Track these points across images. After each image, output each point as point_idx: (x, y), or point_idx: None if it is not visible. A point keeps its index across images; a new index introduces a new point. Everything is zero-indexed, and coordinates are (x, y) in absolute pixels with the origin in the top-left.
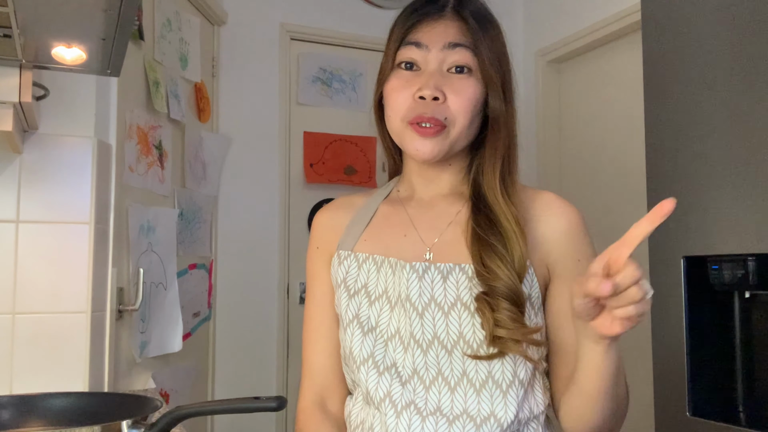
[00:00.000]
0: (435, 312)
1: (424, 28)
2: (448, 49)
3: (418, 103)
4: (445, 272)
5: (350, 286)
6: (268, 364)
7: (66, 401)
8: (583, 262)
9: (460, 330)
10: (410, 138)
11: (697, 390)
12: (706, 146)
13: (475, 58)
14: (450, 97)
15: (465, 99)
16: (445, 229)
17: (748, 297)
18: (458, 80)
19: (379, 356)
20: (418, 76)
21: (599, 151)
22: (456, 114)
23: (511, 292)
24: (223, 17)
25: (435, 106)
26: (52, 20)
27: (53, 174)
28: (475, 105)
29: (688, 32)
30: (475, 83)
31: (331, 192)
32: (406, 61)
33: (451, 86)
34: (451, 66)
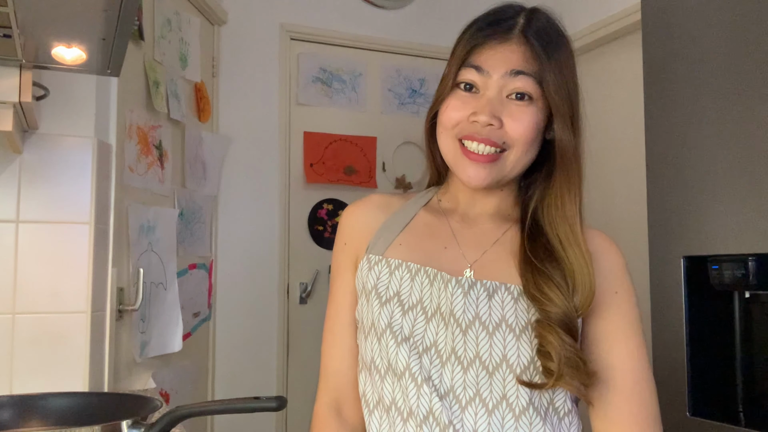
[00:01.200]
0: (479, 330)
1: (487, 51)
2: (510, 76)
3: (471, 125)
4: (491, 290)
5: (382, 293)
6: (268, 364)
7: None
8: (620, 295)
9: (504, 352)
10: (463, 164)
11: (697, 390)
12: (706, 146)
13: (538, 86)
14: (507, 122)
15: (523, 126)
16: (489, 248)
17: (748, 297)
18: (517, 107)
19: (415, 367)
20: (476, 99)
21: (599, 150)
22: (514, 139)
23: (567, 320)
24: (223, 17)
25: (489, 131)
26: (52, 20)
27: (53, 174)
28: (534, 132)
29: (688, 32)
30: (535, 111)
31: (331, 192)
32: (466, 82)
33: (509, 113)
34: (512, 93)
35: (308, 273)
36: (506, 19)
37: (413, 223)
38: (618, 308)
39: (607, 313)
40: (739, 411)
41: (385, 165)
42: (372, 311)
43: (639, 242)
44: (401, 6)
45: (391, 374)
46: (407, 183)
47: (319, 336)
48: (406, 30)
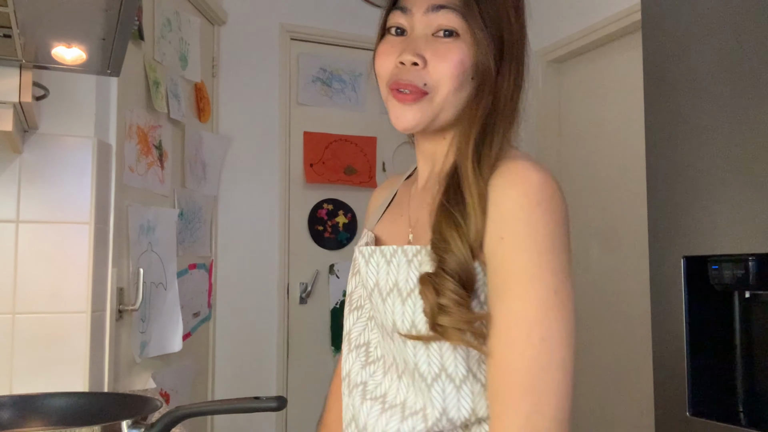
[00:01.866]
0: (376, 297)
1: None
2: (431, 12)
3: (399, 68)
4: (389, 255)
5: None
6: (268, 364)
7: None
8: (506, 240)
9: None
10: (392, 106)
11: (697, 390)
12: (706, 146)
13: (463, 21)
14: (432, 61)
15: (448, 63)
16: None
17: (748, 297)
18: (443, 44)
19: (354, 334)
20: (404, 42)
21: (599, 151)
22: (438, 79)
23: (461, 270)
24: (223, 17)
25: (414, 72)
26: (52, 20)
27: (53, 174)
28: (460, 69)
29: (688, 32)
30: (462, 46)
31: (331, 192)
32: (394, 26)
33: (435, 51)
34: (438, 30)
35: (308, 273)
36: None
37: (395, 198)
38: (501, 257)
39: (492, 263)
40: (739, 411)
41: (385, 165)
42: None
43: (639, 242)
44: None
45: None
46: None
47: (319, 336)
48: None
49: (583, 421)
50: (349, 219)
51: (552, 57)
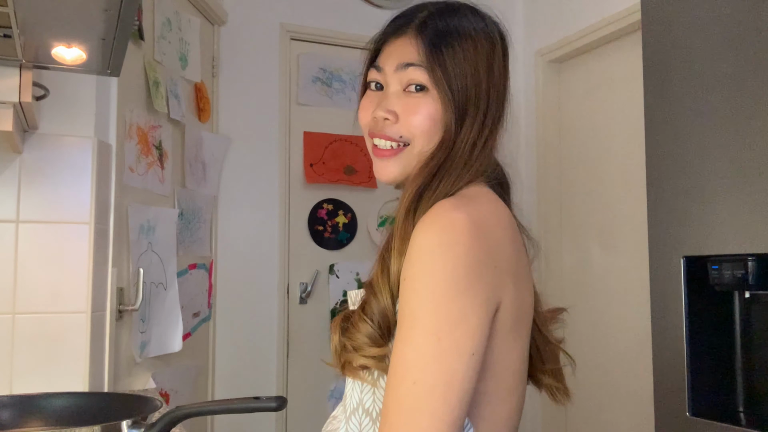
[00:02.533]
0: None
1: (387, 48)
2: (400, 69)
3: (374, 122)
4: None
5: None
6: (268, 364)
7: (66, 401)
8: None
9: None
10: (374, 160)
11: (697, 390)
12: (706, 146)
13: (429, 76)
14: (402, 116)
15: (417, 116)
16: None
17: (748, 297)
18: (413, 99)
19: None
20: (380, 96)
21: (599, 151)
22: (410, 132)
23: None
24: (223, 17)
25: (388, 126)
26: (52, 20)
27: (53, 174)
28: (430, 122)
29: (688, 32)
30: (429, 100)
31: (331, 192)
32: (372, 81)
33: (404, 105)
34: (408, 85)
35: (308, 273)
36: (407, 15)
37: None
38: (401, 298)
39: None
40: (739, 411)
41: None
42: None
43: (639, 242)
44: (401, 6)
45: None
46: None
47: (319, 336)
48: None
49: (583, 421)
50: (349, 219)
51: (552, 57)
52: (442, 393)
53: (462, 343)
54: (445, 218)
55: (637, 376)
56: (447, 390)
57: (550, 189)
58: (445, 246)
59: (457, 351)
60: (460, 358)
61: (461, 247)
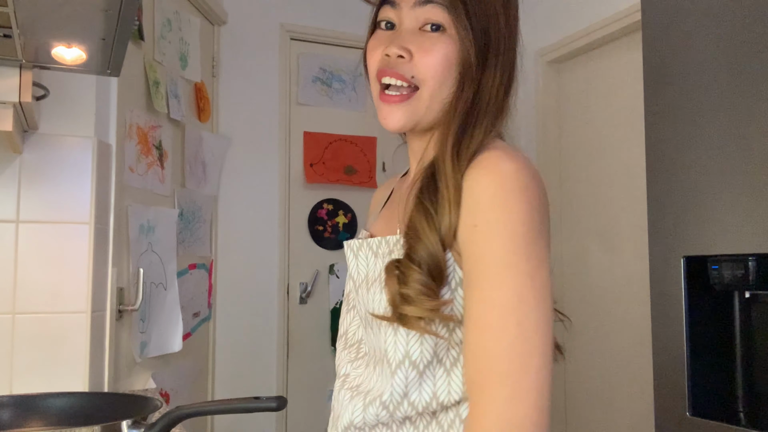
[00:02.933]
0: (362, 288)
1: None
2: (418, 6)
3: (385, 60)
4: (375, 247)
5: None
6: (268, 364)
7: (66, 401)
8: (480, 227)
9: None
10: (379, 106)
11: (697, 390)
12: (707, 146)
13: (449, 15)
14: (417, 55)
15: (433, 57)
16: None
17: (748, 297)
18: (429, 38)
19: (351, 332)
20: (392, 35)
21: (599, 151)
22: (424, 73)
23: (430, 258)
24: (223, 17)
25: (401, 64)
26: (52, 20)
27: (53, 174)
28: (446, 64)
29: (688, 32)
30: (447, 41)
31: (331, 192)
32: (384, 20)
33: (420, 44)
34: (425, 23)
35: (308, 273)
36: None
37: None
38: (475, 245)
39: (466, 251)
40: (739, 411)
41: (385, 165)
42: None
43: (639, 242)
44: None
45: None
46: None
47: (319, 336)
48: None
49: (584, 421)
50: (349, 219)
51: (552, 57)
52: (545, 331)
53: (547, 282)
54: (507, 166)
55: (637, 376)
56: (547, 327)
57: (550, 189)
58: (516, 191)
59: (545, 291)
60: (548, 297)
61: (531, 192)
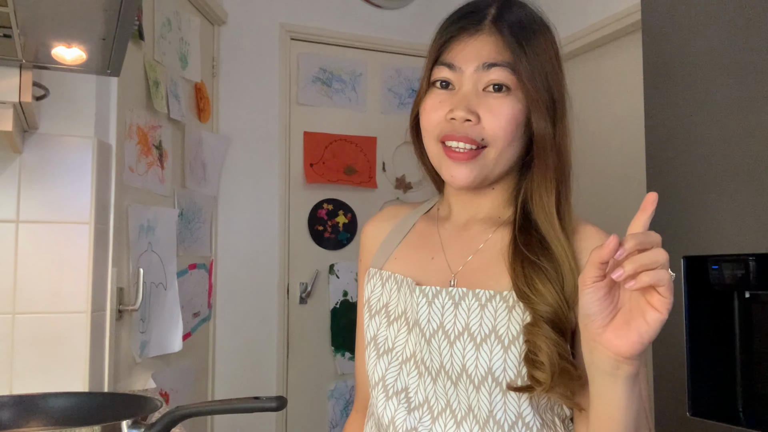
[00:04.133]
0: (441, 340)
1: (458, 46)
2: (482, 70)
3: (450, 123)
4: (457, 298)
5: (372, 305)
6: (268, 364)
7: (66, 401)
8: None
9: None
10: (446, 164)
11: (697, 390)
12: (706, 146)
13: (513, 76)
14: (485, 117)
15: (501, 118)
16: (474, 254)
17: (748, 297)
18: (494, 100)
19: (390, 380)
20: (452, 96)
21: (599, 151)
22: (493, 135)
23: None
24: (223, 17)
25: (468, 128)
26: (52, 20)
27: (53, 174)
28: (514, 125)
29: (688, 32)
30: (513, 102)
31: (331, 192)
32: (440, 80)
33: (486, 106)
34: (488, 85)
35: (308, 273)
36: (477, 11)
37: (410, 234)
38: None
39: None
40: (739, 411)
41: (385, 165)
42: (364, 324)
43: None
44: (401, 6)
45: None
46: (407, 183)
47: (319, 336)
48: (406, 30)
49: None
50: (349, 219)
51: None
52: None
53: None
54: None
55: None
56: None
57: None
58: None
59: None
60: None
61: None
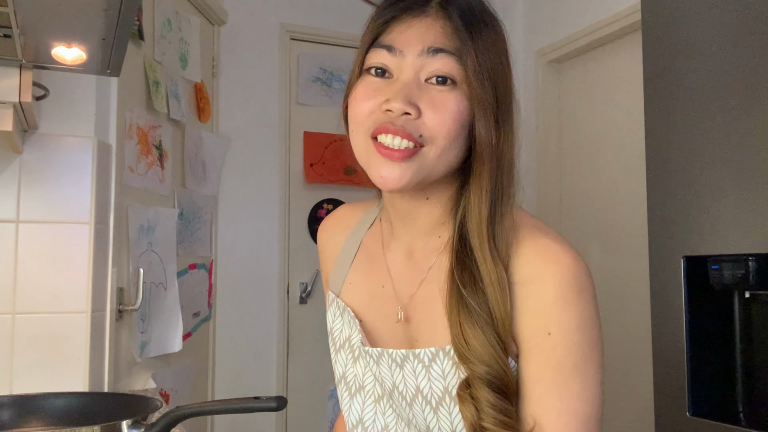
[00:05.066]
0: (399, 400)
1: (400, 26)
2: (427, 55)
3: (385, 115)
4: (399, 360)
5: (336, 338)
6: (268, 364)
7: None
8: (554, 335)
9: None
10: (375, 162)
11: (697, 390)
12: (706, 146)
13: (460, 67)
14: (426, 112)
15: (445, 115)
16: (419, 285)
17: (748, 297)
18: (438, 93)
19: (368, 422)
20: (389, 85)
21: (599, 151)
22: (434, 132)
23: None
24: (223, 17)
25: (405, 122)
26: (52, 20)
27: (53, 174)
28: (458, 124)
29: (688, 32)
30: (459, 97)
31: (331, 192)
32: (376, 66)
33: (429, 99)
34: (431, 75)
35: (308, 273)
36: None
37: (359, 254)
38: (550, 352)
39: (538, 358)
40: (739, 411)
41: None
42: (331, 356)
43: (639, 242)
44: None
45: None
46: None
47: (319, 336)
48: None
49: None
50: None
51: (552, 57)
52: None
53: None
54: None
55: (637, 376)
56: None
57: (550, 189)
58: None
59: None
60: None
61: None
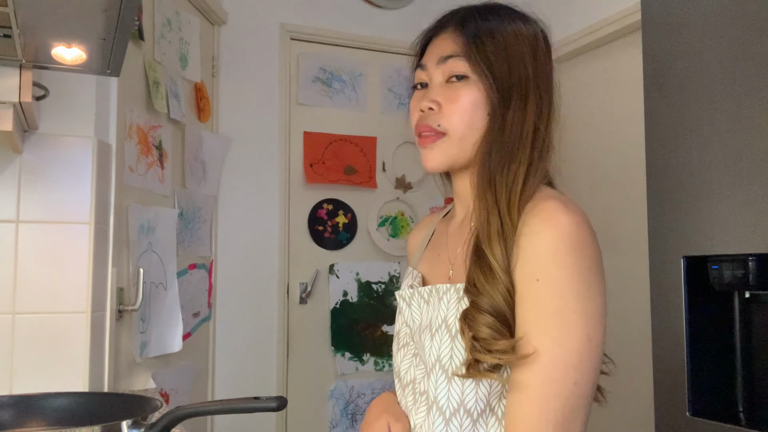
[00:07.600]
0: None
1: (429, 47)
2: (441, 63)
3: (421, 116)
4: (426, 296)
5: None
6: (268, 364)
7: (66, 401)
8: (542, 282)
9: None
10: (421, 153)
11: (697, 390)
12: (707, 146)
13: (469, 64)
14: (444, 105)
15: (457, 105)
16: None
17: (748, 297)
18: (454, 88)
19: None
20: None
21: (599, 151)
22: (449, 121)
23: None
24: (223, 17)
25: (432, 116)
26: (52, 20)
27: (53, 174)
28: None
29: (688, 32)
30: (471, 89)
31: (331, 192)
32: (418, 83)
33: (446, 95)
34: (450, 76)
35: (308, 273)
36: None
37: (433, 236)
38: (537, 298)
39: (526, 301)
40: (739, 411)
41: (385, 165)
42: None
43: (639, 242)
44: (401, 6)
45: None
46: (407, 183)
47: (319, 336)
48: (406, 30)
49: None
50: (349, 219)
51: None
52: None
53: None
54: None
55: (637, 376)
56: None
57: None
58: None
59: (600, 348)
60: (601, 353)
61: (589, 249)
